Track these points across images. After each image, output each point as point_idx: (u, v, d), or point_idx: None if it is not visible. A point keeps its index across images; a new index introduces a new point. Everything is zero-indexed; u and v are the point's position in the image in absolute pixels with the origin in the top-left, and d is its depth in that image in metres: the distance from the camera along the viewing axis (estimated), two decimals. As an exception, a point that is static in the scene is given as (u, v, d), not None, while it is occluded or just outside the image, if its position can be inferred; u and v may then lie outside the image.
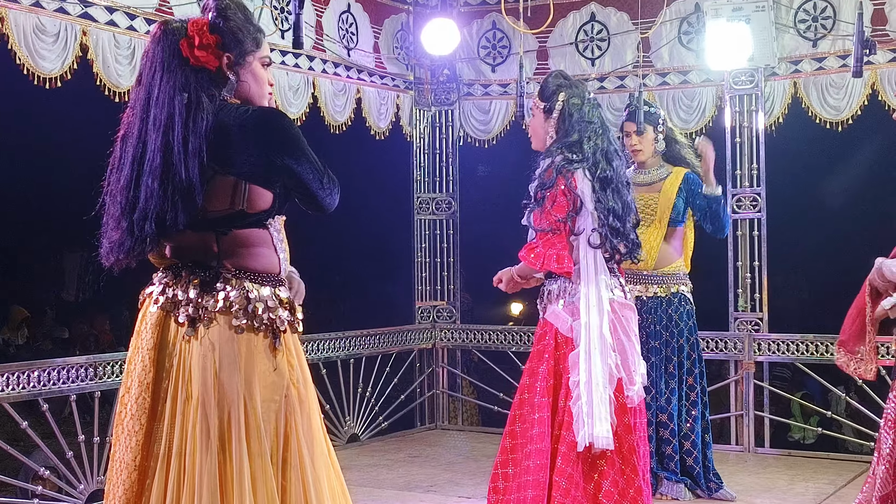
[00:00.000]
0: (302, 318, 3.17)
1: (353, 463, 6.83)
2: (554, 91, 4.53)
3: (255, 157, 2.97)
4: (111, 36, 5.69)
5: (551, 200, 4.34)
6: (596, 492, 4.25)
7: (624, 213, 4.43)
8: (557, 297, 4.42)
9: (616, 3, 7.61)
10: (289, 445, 3.01)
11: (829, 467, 6.70)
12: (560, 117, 4.49)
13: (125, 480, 3.00)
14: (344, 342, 7.55)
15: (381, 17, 7.78)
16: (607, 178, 4.39)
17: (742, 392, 7.18)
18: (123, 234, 2.97)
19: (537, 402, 4.33)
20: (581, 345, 4.29)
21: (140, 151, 2.96)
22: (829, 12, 6.98)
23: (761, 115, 7.20)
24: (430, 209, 8.27)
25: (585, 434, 4.18)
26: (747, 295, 7.20)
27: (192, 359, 2.97)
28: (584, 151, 4.40)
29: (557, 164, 4.38)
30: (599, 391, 4.23)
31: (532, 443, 4.28)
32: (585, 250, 4.36)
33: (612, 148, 4.49)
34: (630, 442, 4.32)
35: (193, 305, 3.00)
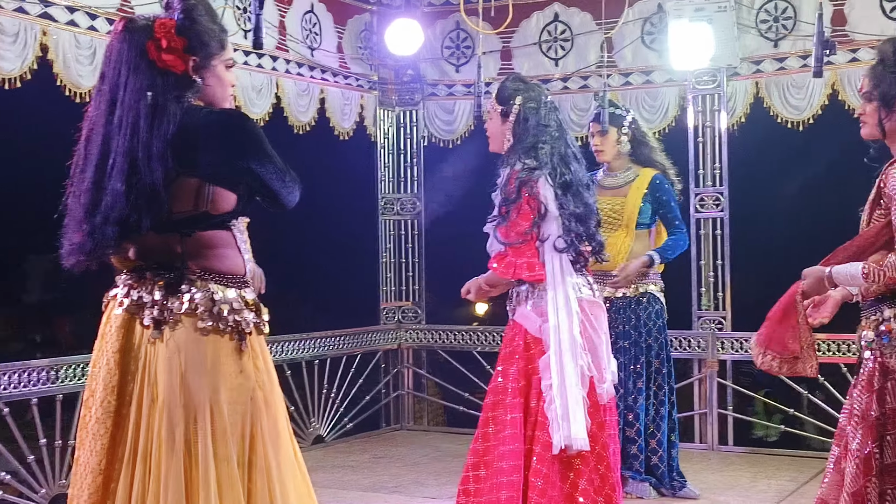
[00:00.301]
0: (268, 320, 3.16)
1: (318, 464, 6.81)
2: (511, 95, 4.52)
3: (219, 160, 2.96)
4: (72, 36, 5.65)
5: (516, 211, 4.34)
6: (572, 490, 4.26)
7: (586, 215, 4.44)
8: (526, 299, 4.42)
9: (579, 3, 7.64)
10: (255, 448, 3.00)
11: (791, 464, 6.76)
12: (516, 121, 4.47)
13: (90, 484, 2.97)
14: (309, 343, 7.53)
15: (345, 18, 7.77)
16: (567, 183, 4.39)
17: (706, 390, 7.23)
18: (85, 236, 2.94)
19: (509, 403, 4.33)
20: (551, 348, 4.29)
21: (104, 153, 2.94)
22: (790, 13, 7.04)
23: (724, 115, 7.25)
24: (394, 210, 8.27)
25: (561, 437, 4.19)
26: (710, 294, 7.25)
27: (157, 361, 2.95)
28: (541, 157, 4.39)
29: (519, 175, 4.38)
30: (573, 393, 4.24)
31: (505, 444, 4.28)
32: (552, 255, 4.36)
33: (570, 151, 4.48)
34: (603, 439, 4.34)
35: (158, 307, 2.98)
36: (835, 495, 3.42)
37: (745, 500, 5.85)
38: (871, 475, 3.29)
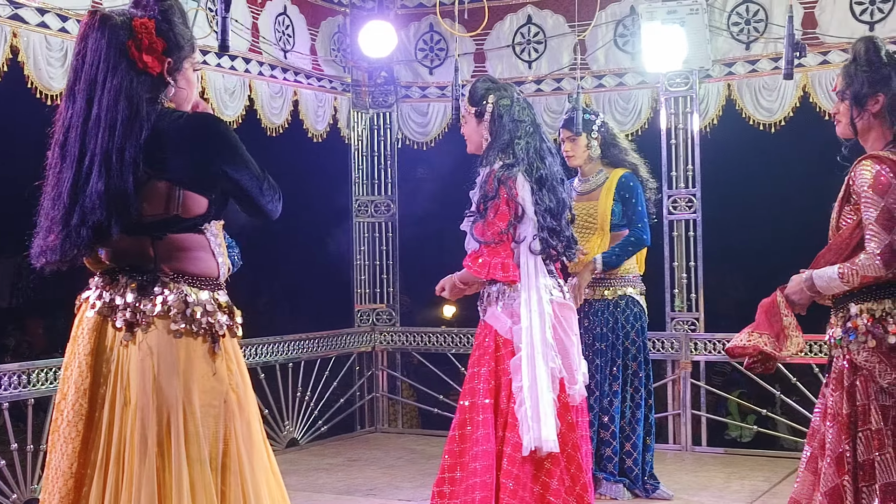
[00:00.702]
0: (241, 323, 3.14)
1: (292, 467, 6.79)
2: (483, 95, 4.56)
3: (191, 164, 2.94)
4: (42, 38, 5.61)
5: (494, 211, 4.37)
6: (544, 491, 4.27)
7: (559, 210, 4.48)
8: (497, 300, 4.43)
9: (552, 5, 7.66)
10: (228, 451, 2.98)
11: (765, 465, 6.79)
12: (491, 119, 4.52)
13: (61, 488, 2.95)
14: (283, 346, 7.51)
15: (318, 20, 7.76)
16: (542, 178, 4.44)
17: (679, 391, 7.26)
18: (58, 237, 2.92)
19: (481, 405, 4.34)
20: (523, 350, 4.31)
21: (81, 153, 2.91)
22: (762, 15, 7.09)
23: (696, 117, 7.28)
24: (368, 212, 8.26)
25: (531, 438, 4.21)
26: (683, 295, 7.28)
27: (130, 364, 2.93)
28: (517, 153, 4.44)
29: (497, 173, 4.40)
30: (544, 395, 4.25)
31: (478, 444, 4.29)
32: (527, 256, 4.39)
33: (545, 146, 4.54)
34: (574, 440, 4.35)
35: (131, 310, 2.96)
36: (807, 495, 3.44)
37: (719, 501, 5.87)
38: (846, 473, 3.31)
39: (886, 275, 3.29)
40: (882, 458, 3.29)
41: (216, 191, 3.01)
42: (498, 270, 4.36)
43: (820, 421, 3.47)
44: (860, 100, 3.46)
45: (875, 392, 3.32)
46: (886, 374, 3.31)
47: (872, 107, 3.45)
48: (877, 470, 3.29)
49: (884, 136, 3.44)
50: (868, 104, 3.45)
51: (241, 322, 3.14)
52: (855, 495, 3.30)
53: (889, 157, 3.34)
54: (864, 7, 6.75)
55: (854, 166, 3.38)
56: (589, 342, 5.86)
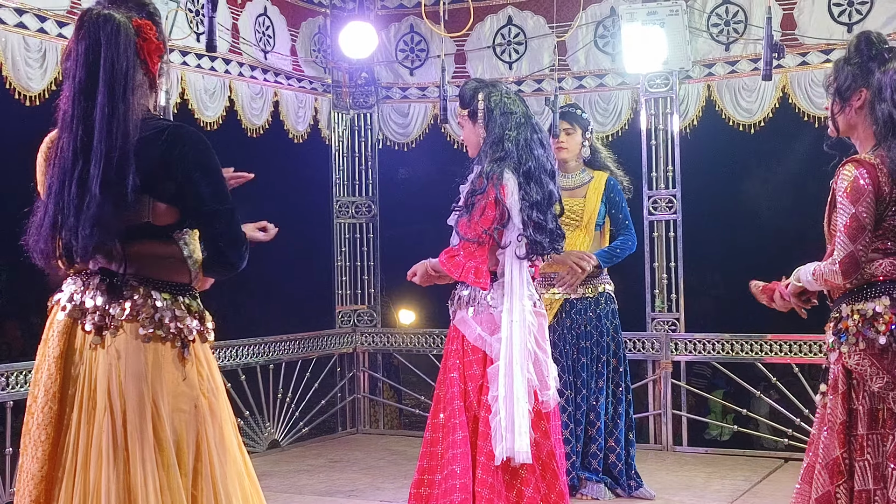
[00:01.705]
0: (213, 328, 3.12)
1: (273, 469, 6.78)
2: (472, 94, 4.52)
3: (163, 174, 2.91)
4: (21, 38, 5.57)
5: (480, 210, 4.32)
6: (518, 499, 4.26)
7: (545, 203, 4.40)
8: (467, 305, 4.41)
9: (533, 6, 7.67)
10: (200, 456, 2.97)
11: (745, 464, 6.81)
12: (484, 116, 4.47)
13: (31, 492, 2.94)
14: (263, 348, 7.49)
15: (298, 20, 7.74)
16: (530, 170, 4.37)
17: (660, 391, 7.27)
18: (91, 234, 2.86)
19: (456, 407, 4.33)
20: (501, 360, 4.27)
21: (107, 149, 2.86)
22: (741, 16, 7.11)
23: (676, 118, 7.29)
24: (349, 213, 8.24)
25: (504, 449, 4.18)
26: (664, 295, 7.29)
27: (98, 367, 2.92)
28: (507, 147, 4.38)
29: (486, 168, 4.38)
30: (519, 405, 4.22)
31: (455, 447, 4.27)
32: (512, 262, 4.34)
33: (536, 137, 4.46)
34: (549, 447, 4.34)
35: (100, 313, 2.94)
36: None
37: (699, 500, 5.89)
38: (840, 481, 3.27)
39: (844, 283, 3.27)
40: (861, 464, 3.27)
41: (188, 201, 2.97)
42: (470, 274, 4.32)
43: (817, 429, 3.42)
44: (843, 94, 3.40)
45: (867, 396, 3.28)
46: (878, 378, 3.26)
47: (856, 102, 3.39)
48: (855, 475, 3.27)
49: (871, 134, 3.37)
50: (852, 99, 3.39)
51: (213, 327, 3.12)
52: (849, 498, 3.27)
53: (870, 162, 3.29)
54: (842, 8, 6.78)
55: (838, 169, 3.34)
56: (573, 341, 5.90)
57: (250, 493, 3.11)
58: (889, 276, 3.32)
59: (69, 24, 5.80)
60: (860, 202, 3.23)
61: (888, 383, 3.25)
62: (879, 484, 3.24)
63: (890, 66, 3.33)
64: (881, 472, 3.25)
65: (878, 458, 3.25)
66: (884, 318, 3.28)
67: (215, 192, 2.98)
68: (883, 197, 3.26)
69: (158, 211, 2.94)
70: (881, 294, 3.31)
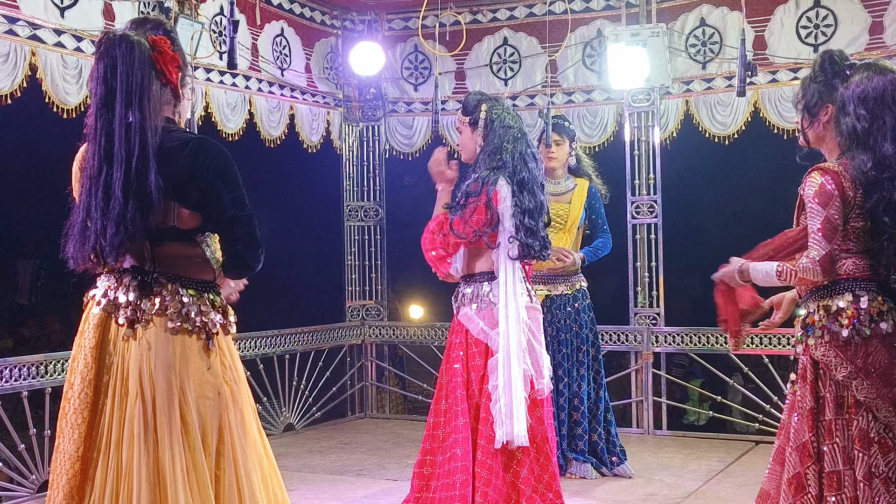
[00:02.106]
0: (235, 321, 3.13)
1: (288, 450, 6.78)
2: (476, 104, 4.53)
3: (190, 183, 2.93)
4: (59, 56, 5.58)
5: (471, 211, 4.32)
6: (514, 479, 4.28)
7: (537, 212, 4.42)
8: (471, 301, 4.41)
9: (526, 28, 7.67)
10: (223, 438, 2.98)
11: (720, 446, 6.81)
12: (484, 126, 4.48)
13: (68, 470, 2.94)
14: (280, 339, 7.49)
15: (313, 41, 7.74)
16: (523, 180, 4.38)
17: (642, 380, 7.27)
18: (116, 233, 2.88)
19: (459, 395, 4.33)
20: (500, 352, 4.28)
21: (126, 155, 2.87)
22: (717, 38, 7.11)
23: (657, 130, 7.30)
24: (358, 216, 8.25)
25: (504, 433, 4.20)
26: (646, 292, 7.29)
27: (130, 357, 2.93)
28: (504, 158, 4.38)
29: (482, 175, 4.38)
30: (517, 394, 4.23)
31: (457, 432, 4.28)
32: (505, 263, 4.35)
33: (529, 151, 4.48)
34: (542, 432, 4.35)
35: (132, 308, 2.96)
36: (776, 485, 3.39)
37: (678, 479, 5.88)
38: (810, 463, 3.27)
39: (822, 280, 3.26)
40: (830, 447, 3.26)
41: (209, 209, 2.98)
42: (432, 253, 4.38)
43: (787, 415, 3.42)
44: (811, 110, 3.40)
45: (833, 385, 3.28)
46: (842, 368, 3.25)
47: (823, 116, 3.38)
48: (825, 458, 3.26)
49: (837, 145, 3.37)
50: (819, 114, 3.39)
51: (235, 321, 3.13)
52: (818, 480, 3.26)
53: (833, 169, 3.27)
54: (808, 30, 6.78)
55: (805, 177, 3.34)
56: (553, 334, 5.94)
57: (269, 472, 3.13)
58: (851, 275, 3.31)
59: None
60: (830, 205, 3.23)
61: (851, 372, 3.25)
62: (847, 465, 3.24)
63: (851, 82, 3.33)
64: (848, 454, 3.25)
65: (845, 441, 3.25)
66: (846, 312, 3.27)
67: (235, 200, 2.99)
68: (848, 201, 3.26)
69: (183, 216, 2.96)
70: (844, 291, 3.30)
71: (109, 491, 2.87)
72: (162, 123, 2.96)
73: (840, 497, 3.22)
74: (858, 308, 3.27)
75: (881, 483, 3.21)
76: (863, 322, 3.26)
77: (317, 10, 7.77)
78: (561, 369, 5.92)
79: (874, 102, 3.27)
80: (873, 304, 3.28)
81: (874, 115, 3.27)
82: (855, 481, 3.22)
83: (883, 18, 6.58)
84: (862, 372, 3.24)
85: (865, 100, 3.28)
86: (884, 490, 3.21)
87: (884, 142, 3.25)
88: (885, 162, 3.24)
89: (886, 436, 3.25)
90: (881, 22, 6.58)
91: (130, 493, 2.85)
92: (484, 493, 4.19)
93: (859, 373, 3.24)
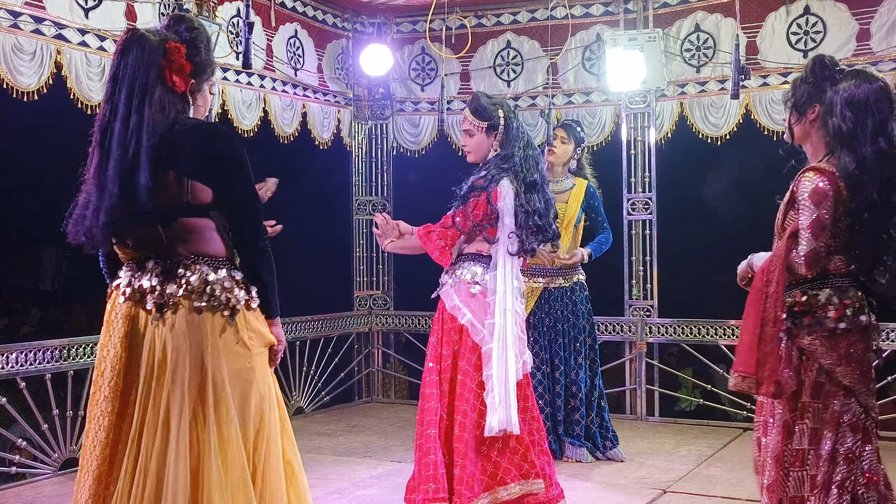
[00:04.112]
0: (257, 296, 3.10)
1: (298, 433, 6.67)
2: (494, 109, 4.40)
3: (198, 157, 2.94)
4: (83, 55, 5.58)
5: (473, 205, 4.27)
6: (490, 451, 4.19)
7: (546, 210, 4.36)
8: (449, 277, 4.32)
9: (528, 32, 7.65)
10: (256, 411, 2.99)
11: (710, 433, 6.81)
12: (504, 131, 4.38)
13: (98, 455, 2.95)
14: (291, 327, 7.49)
15: (324, 42, 7.73)
16: (534, 182, 4.32)
17: (635, 369, 7.27)
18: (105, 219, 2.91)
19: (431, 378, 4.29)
20: (494, 344, 4.19)
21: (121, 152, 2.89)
22: (711, 43, 7.10)
23: (653, 131, 7.29)
24: (367, 210, 8.24)
25: (499, 420, 4.08)
26: (640, 285, 7.29)
27: (162, 341, 2.92)
28: (514, 160, 4.32)
29: (490, 174, 4.31)
30: (511, 384, 4.16)
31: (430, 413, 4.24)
32: (504, 257, 4.26)
33: (536, 153, 4.44)
34: (530, 411, 4.30)
35: (158, 293, 2.95)
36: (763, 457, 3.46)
37: (669, 464, 5.89)
38: (788, 441, 3.33)
39: (806, 274, 3.28)
40: (800, 427, 3.32)
41: (219, 190, 2.98)
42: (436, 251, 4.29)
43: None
44: (800, 108, 3.44)
45: (815, 370, 3.33)
46: (827, 356, 3.31)
47: (810, 115, 3.41)
48: (794, 436, 3.33)
49: (822, 143, 3.40)
50: (807, 113, 3.42)
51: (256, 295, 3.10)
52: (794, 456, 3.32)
53: (828, 170, 3.30)
54: (799, 36, 6.77)
55: (799, 175, 3.35)
56: (550, 325, 5.94)
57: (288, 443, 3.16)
58: (839, 271, 3.36)
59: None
60: (822, 205, 3.25)
61: (836, 360, 3.31)
62: (814, 445, 3.30)
63: (840, 87, 3.36)
64: (818, 435, 3.31)
65: (817, 423, 3.31)
66: (832, 305, 3.33)
67: (244, 185, 3.01)
68: (841, 200, 3.29)
69: (196, 190, 2.95)
70: (830, 285, 3.35)
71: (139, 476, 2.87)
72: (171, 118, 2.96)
73: (801, 474, 3.30)
74: (842, 302, 3.33)
75: (843, 460, 3.28)
76: (846, 315, 3.32)
77: (329, 13, 7.76)
78: (558, 358, 5.93)
79: (859, 106, 3.30)
80: (855, 299, 3.34)
81: (858, 118, 3.30)
82: (819, 459, 3.29)
83: (870, 26, 6.57)
84: (845, 359, 3.31)
85: (852, 103, 3.31)
86: (844, 467, 3.27)
87: (865, 144, 3.28)
88: (865, 163, 3.27)
89: (860, 418, 3.32)
90: (868, 29, 6.57)
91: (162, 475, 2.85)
92: (462, 465, 4.15)
93: (842, 360, 3.31)
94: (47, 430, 5.52)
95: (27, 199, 9.72)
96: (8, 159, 8.70)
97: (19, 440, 5.56)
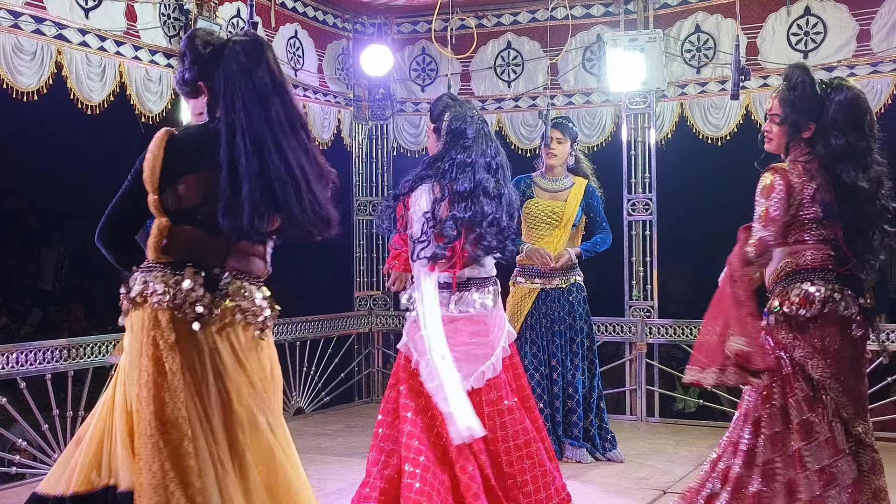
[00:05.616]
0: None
1: (298, 433, 6.75)
2: (441, 112, 4.14)
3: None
4: (84, 55, 5.57)
5: (398, 214, 4.08)
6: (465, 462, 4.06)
7: (478, 221, 3.95)
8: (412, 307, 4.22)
9: (529, 33, 7.65)
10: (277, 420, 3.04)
11: (710, 434, 6.80)
12: (445, 135, 4.09)
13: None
14: (291, 327, 7.49)
15: (325, 42, 7.73)
16: (464, 190, 3.93)
17: (635, 370, 7.27)
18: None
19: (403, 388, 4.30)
20: (423, 356, 4.07)
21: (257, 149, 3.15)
22: (711, 43, 7.09)
23: (653, 132, 7.28)
24: (367, 210, 8.24)
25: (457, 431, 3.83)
26: (640, 286, 7.28)
27: (220, 357, 2.88)
28: (440, 166, 3.99)
29: (408, 179, 4.05)
30: (453, 391, 3.88)
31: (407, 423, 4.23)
32: (418, 270, 4.01)
33: (483, 161, 3.99)
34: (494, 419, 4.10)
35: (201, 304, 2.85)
36: None
37: (669, 465, 5.88)
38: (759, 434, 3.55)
39: (756, 260, 3.43)
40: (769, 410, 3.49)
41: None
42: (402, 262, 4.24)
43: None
44: (797, 127, 3.53)
45: (788, 363, 3.46)
46: (799, 348, 3.45)
47: (805, 133, 3.53)
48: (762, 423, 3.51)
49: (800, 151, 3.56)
50: (802, 131, 3.53)
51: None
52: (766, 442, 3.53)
53: (783, 168, 3.50)
54: (799, 37, 6.76)
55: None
56: (548, 326, 5.93)
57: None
58: (810, 265, 3.49)
59: (126, 42, 5.80)
60: (770, 198, 3.46)
61: (808, 352, 3.44)
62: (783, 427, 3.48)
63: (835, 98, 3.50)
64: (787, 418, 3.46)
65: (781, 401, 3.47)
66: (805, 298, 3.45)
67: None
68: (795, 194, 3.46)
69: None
70: (804, 280, 3.48)
71: None
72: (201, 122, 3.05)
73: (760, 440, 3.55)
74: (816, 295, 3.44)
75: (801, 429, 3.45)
76: (819, 308, 3.43)
77: (329, 14, 7.76)
78: (555, 359, 5.92)
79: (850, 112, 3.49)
80: (829, 292, 3.45)
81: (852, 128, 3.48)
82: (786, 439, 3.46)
83: (870, 27, 6.56)
84: (819, 353, 3.43)
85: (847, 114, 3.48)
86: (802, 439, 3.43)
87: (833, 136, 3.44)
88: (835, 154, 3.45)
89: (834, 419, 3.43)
90: (868, 30, 6.57)
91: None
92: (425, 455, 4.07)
93: (816, 353, 3.43)
94: (47, 430, 5.51)
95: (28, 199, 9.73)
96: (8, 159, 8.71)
97: (19, 440, 5.55)
